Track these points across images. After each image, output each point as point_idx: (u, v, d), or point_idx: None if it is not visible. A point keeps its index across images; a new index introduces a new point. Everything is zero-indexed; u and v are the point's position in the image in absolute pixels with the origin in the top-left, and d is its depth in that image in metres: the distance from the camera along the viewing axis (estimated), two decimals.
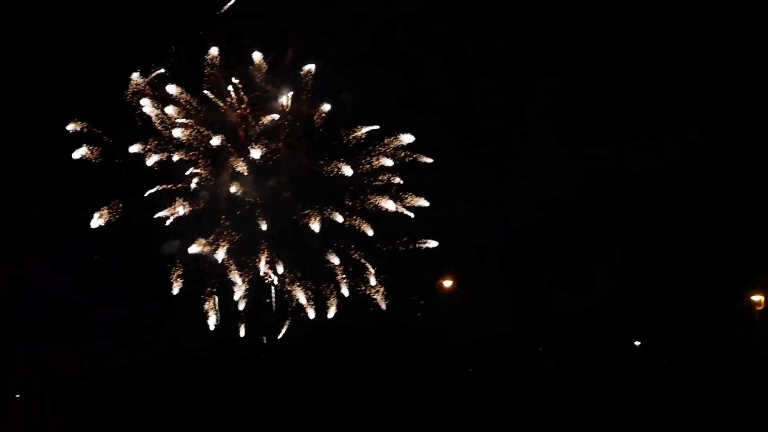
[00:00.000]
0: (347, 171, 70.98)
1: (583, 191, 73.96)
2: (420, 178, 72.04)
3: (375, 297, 71.73)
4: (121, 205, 70.50)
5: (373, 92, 71.36)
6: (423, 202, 71.63)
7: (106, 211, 70.26)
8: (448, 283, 74.92)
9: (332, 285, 71.40)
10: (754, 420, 69.67)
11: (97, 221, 70.13)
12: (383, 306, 71.83)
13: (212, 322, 70.76)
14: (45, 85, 71.10)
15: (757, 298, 73.06)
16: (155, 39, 71.61)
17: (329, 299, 71.30)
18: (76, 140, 70.82)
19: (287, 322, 71.87)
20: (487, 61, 74.35)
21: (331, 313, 71.37)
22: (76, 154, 70.62)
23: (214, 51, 71.35)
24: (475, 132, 73.89)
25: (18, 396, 69.38)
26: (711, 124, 73.75)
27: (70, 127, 70.91)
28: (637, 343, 75.89)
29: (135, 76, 71.19)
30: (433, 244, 72.58)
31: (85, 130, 70.86)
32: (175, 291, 70.01)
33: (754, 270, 72.04)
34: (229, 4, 71.94)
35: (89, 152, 70.77)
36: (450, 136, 73.06)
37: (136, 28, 71.13)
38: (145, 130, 71.26)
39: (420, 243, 72.39)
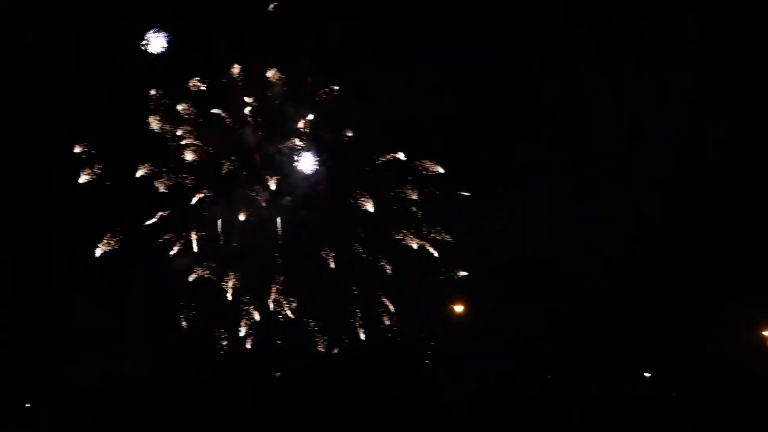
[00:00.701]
0: (369, 206, 66.97)
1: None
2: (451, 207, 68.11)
3: (390, 335, 68.17)
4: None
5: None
6: (447, 238, 67.63)
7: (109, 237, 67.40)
8: (459, 308, 69.74)
9: (346, 324, 67.95)
10: (749, 420, 69.73)
11: (101, 249, 67.36)
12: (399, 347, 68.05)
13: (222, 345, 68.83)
14: (52, 88, 70.98)
15: None
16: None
17: (342, 339, 68.00)
18: (83, 163, 67.89)
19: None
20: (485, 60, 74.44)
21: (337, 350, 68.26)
22: (82, 179, 67.69)
23: (235, 69, 67.09)
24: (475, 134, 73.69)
25: (18, 397, 69.94)
26: (711, 123, 73.66)
27: (78, 150, 67.75)
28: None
29: (152, 92, 67.48)
30: (462, 273, 68.61)
31: (92, 151, 67.87)
32: (184, 324, 67.80)
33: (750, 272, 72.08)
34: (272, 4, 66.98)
35: (95, 174, 67.76)
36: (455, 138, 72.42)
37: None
38: (156, 151, 67.79)
39: (447, 273, 68.45)
